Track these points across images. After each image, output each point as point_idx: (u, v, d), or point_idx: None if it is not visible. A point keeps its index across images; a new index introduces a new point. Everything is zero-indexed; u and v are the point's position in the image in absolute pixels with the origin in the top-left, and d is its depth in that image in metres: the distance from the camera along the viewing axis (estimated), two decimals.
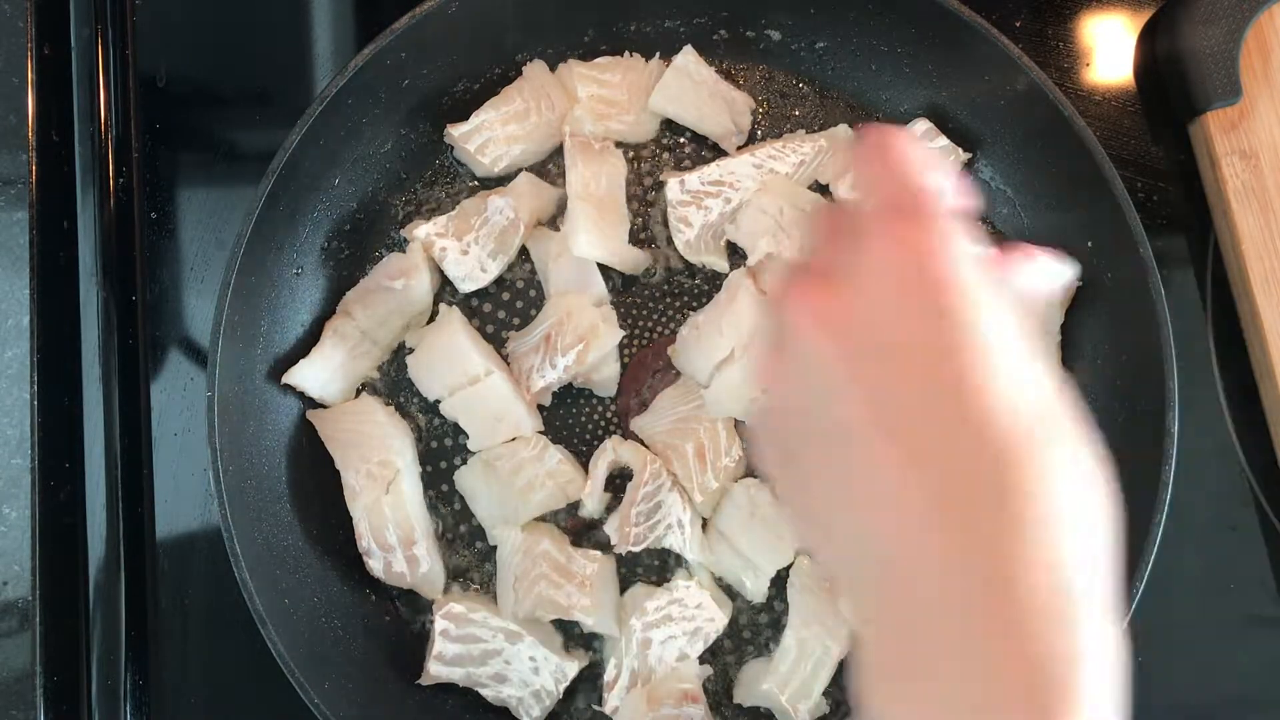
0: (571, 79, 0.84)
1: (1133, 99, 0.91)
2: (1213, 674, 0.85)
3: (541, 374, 0.80)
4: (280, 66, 0.91)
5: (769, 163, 0.84)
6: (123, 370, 0.84)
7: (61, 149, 0.85)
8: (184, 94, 0.89)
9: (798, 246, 0.83)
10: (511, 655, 0.77)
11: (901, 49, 0.83)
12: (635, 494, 0.78)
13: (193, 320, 0.86)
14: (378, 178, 0.84)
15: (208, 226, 0.87)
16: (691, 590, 0.78)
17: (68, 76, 0.86)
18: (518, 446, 0.80)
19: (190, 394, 0.85)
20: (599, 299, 0.82)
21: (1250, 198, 0.85)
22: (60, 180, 0.84)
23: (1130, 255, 0.75)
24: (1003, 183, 0.85)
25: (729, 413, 0.80)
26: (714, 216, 0.84)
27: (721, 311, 0.78)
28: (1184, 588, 0.84)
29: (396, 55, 0.78)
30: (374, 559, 0.79)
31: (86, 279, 0.84)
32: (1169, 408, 0.73)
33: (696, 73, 0.84)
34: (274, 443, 0.79)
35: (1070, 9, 0.92)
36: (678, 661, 0.78)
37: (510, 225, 0.82)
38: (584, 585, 0.78)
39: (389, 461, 0.79)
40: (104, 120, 0.86)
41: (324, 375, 0.80)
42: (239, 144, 0.90)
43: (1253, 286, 0.84)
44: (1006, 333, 0.39)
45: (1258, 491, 0.86)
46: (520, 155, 0.84)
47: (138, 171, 0.87)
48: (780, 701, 0.78)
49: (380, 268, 0.82)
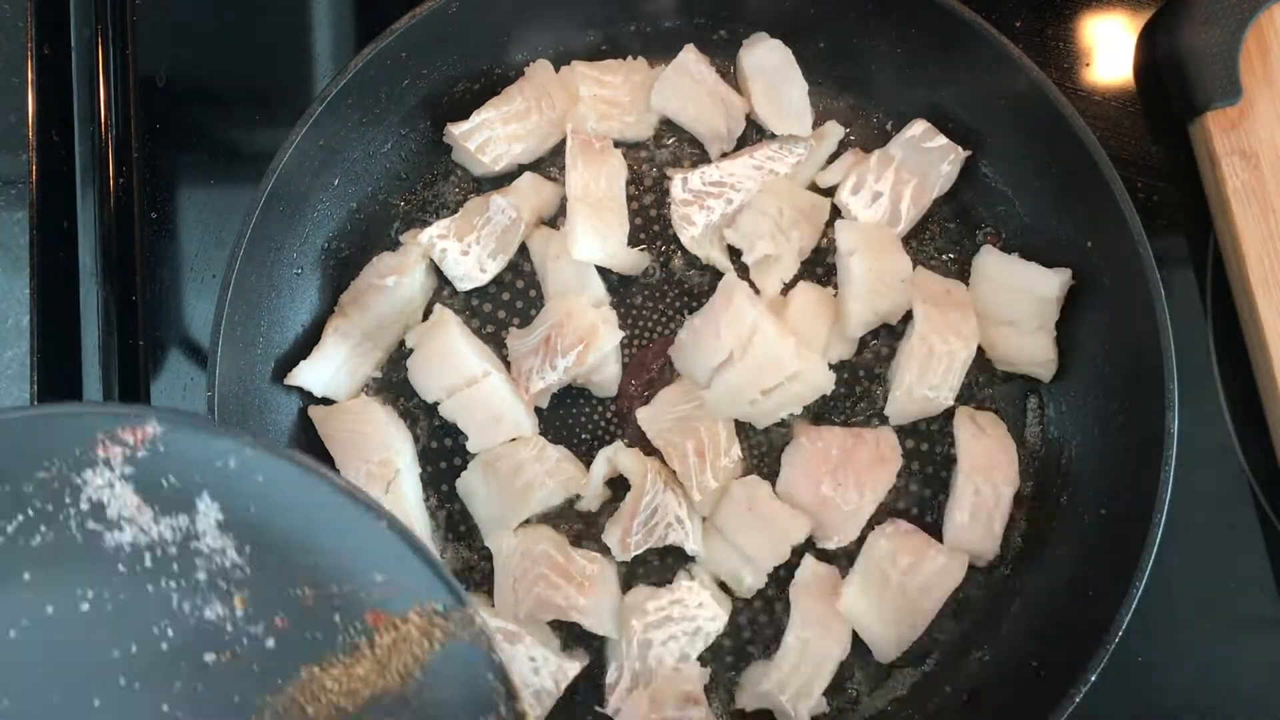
0: (574, 79, 0.84)
1: (1133, 99, 0.91)
2: (1213, 674, 0.85)
3: (541, 375, 0.80)
4: (280, 66, 0.91)
5: (768, 164, 0.85)
6: (123, 370, 0.84)
7: (61, 149, 0.85)
8: (184, 94, 0.89)
9: (796, 249, 0.83)
10: (511, 656, 0.77)
11: (901, 49, 0.83)
12: (636, 504, 0.78)
13: (193, 320, 0.86)
14: (378, 178, 0.84)
15: (208, 226, 0.87)
16: (693, 590, 0.78)
17: (68, 76, 0.86)
18: (517, 447, 0.80)
19: (190, 394, 0.85)
20: (598, 300, 0.82)
21: (1250, 198, 0.85)
22: (60, 180, 0.84)
23: (1130, 255, 0.75)
24: (1003, 182, 0.85)
25: (729, 414, 0.80)
26: (716, 217, 0.84)
27: (718, 314, 0.78)
28: (1184, 588, 0.84)
29: (396, 55, 0.78)
30: None
31: (86, 279, 0.84)
32: (1169, 408, 0.73)
33: (696, 71, 0.84)
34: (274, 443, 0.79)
35: (1070, 9, 0.92)
36: (679, 662, 0.78)
37: (512, 224, 0.82)
38: (583, 586, 0.78)
39: (389, 461, 0.79)
40: (104, 120, 0.86)
41: (326, 374, 0.80)
42: (239, 144, 0.90)
43: (1253, 286, 0.84)
44: None
45: (1258, 491, 0.86)
46: (520, 154, 0.84)
47: (138, 171, 0.87)
48: (781, 702, 0.78)
49: (371, 267, 0.82)
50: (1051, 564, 0.80)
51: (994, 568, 0.82)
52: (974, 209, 0.87)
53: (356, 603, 0.49)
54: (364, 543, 0.49)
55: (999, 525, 0.81)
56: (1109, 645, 0.71)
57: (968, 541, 0.80)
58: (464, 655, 0.49)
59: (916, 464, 0.84)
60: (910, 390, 0.80)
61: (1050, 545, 0.81)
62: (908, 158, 0.84)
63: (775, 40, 0.85)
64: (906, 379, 0.80)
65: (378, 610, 0.49)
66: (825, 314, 0.82)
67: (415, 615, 0.49)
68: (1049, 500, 0.82)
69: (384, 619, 0.49)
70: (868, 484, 0.80)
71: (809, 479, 0.80)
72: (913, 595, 0.79)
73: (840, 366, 0.83)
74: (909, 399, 0.80)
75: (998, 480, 0.80)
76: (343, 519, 0.49)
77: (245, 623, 0.49)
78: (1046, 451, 0.84)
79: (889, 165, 0.84)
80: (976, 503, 0.80)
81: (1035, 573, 0.81)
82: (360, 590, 0.49)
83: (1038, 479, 0.83)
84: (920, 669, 0.82)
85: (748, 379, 0.77)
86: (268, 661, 0.49)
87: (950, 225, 0.87)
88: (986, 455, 0.81)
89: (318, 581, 0.49)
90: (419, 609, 0.49)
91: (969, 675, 0.80)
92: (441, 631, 0.49)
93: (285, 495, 0.49)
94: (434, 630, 0.49)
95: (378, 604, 0.49)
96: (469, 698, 0.50)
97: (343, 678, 0.49)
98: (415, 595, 0.49)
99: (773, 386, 0.78)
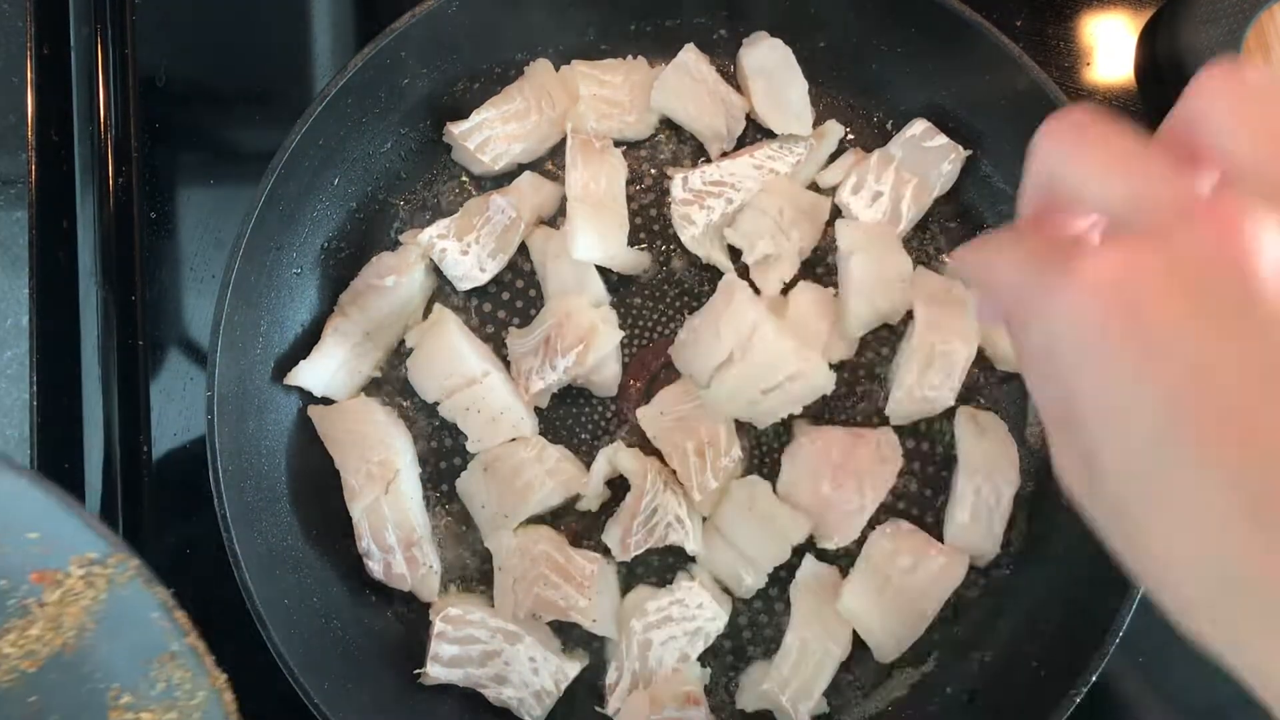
0: (574, 79, 0.84)
1: (1133, 99, 0.91)
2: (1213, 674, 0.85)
3: (541, 375, 0.80)
4: (280, 66, 0.91)
5: (769, 163, 0.85)
6: (122, 370, 0.84)
7: (61, 149, 0.85)
8: (184, 94, 0.89)
9: (796, 248, 0.83)
10: (511, 656, 0.77)
11: (901, 49, 0.83)
12: (636, 504, 0.78)
13: (193, 320, 0.86)
14: (378, 178, 0.84)
15: (208, 226, 0.87)
16: (693, 590, 0.78)
17: (68, 76, 0.86)
18: (517, 447, 0.80)
19: (190, 394, 0.85)
20: (598, 300, 0.82)
21: None
22: (60, 180, 0.84)
23: None
24: (1003, 181, 0.85)
25: (729, 414, 0.80)
26: (716, 216, 0.84)
27: (717, 314, 0.78)
28: None
29: (396, 55, 0.78)
30: (374, 560, 0.79)
31: (86, 279, 0.83)
32: None
33: (697, 70, 0.84)
34: (274, 443, 0.79)
35: (1070, 9, 0.92)
36: (678, 663, 0.78)
37: (511, 224, 0.82)
38: (582, 587, 0.78)
39: (389, 461, 0.79)
40: (104, 120, 0.86)
41: (326, 374, 0.80)
42: (239, 144, 0.90)
43: None
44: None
45: None
46: (520, 153, 0.84)
47: (137, 171, 0.87)
48: (781, 702, 0.78)
49: (370, 267, 0.82)
50: (1051, 564, 0.80)
51: (994, 568, 0.82)
52: (975, 209, 0.86)
53: (18, 564, 0.50)
54: (12, 504, 0.49)
55: (999, 525, 0.81)
56: (1109, 645, 0.71)
57: (968, 541, 0.80)
58: (129, 598, 0.51)
59: (916, 464, 0.84)
60: (910, 390, 0.80)
61: (1050, 545, 0.81)
62: (908, 157, 0.84)
63: (775, 40, 0.85)
64: (906, 379, 0.80)
65: (40, 569, 0.50)
66: (825, 314, 0.82)
67: (75, 567, 0.50)
68: (1049, 500, 0.82)
69: (48, 576, 0.50)
70: (868, 484, 0.80)
71: (809, 479, 0.80)
72: (913, 595, 0.78)
73: (840, 366, 0.83)
74: (909, 399, 0.80)
75: (998, 480, 0.80)
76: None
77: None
78: (1046, 451, 0.84)
79: (889, 165, 0.84)
80: (976, 503, 0.80)
81: (1035, 573, 0.81)
82: (18, 552, 0.50)
83: (1038, 479, 0.83)
84: (920, 669, 0.82)
85: (748, 379, 0.77)
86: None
87: (951, 225, 0.87)
88: (986, 455, 0.81)
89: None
90: (78, 560, 0.50)
91: (969, 675, 0.80)
92: (103, 579, 0.50)
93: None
94: (96, 579, 0.50)
95: (38, 562, 0.50)
96: (142, 640, 0.51)
97: (20, 641, 0.50)
98: (71, 548, 0.50)
99: (773, 386, 0.77)
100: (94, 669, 0.52)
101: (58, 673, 0.51)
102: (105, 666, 0.52)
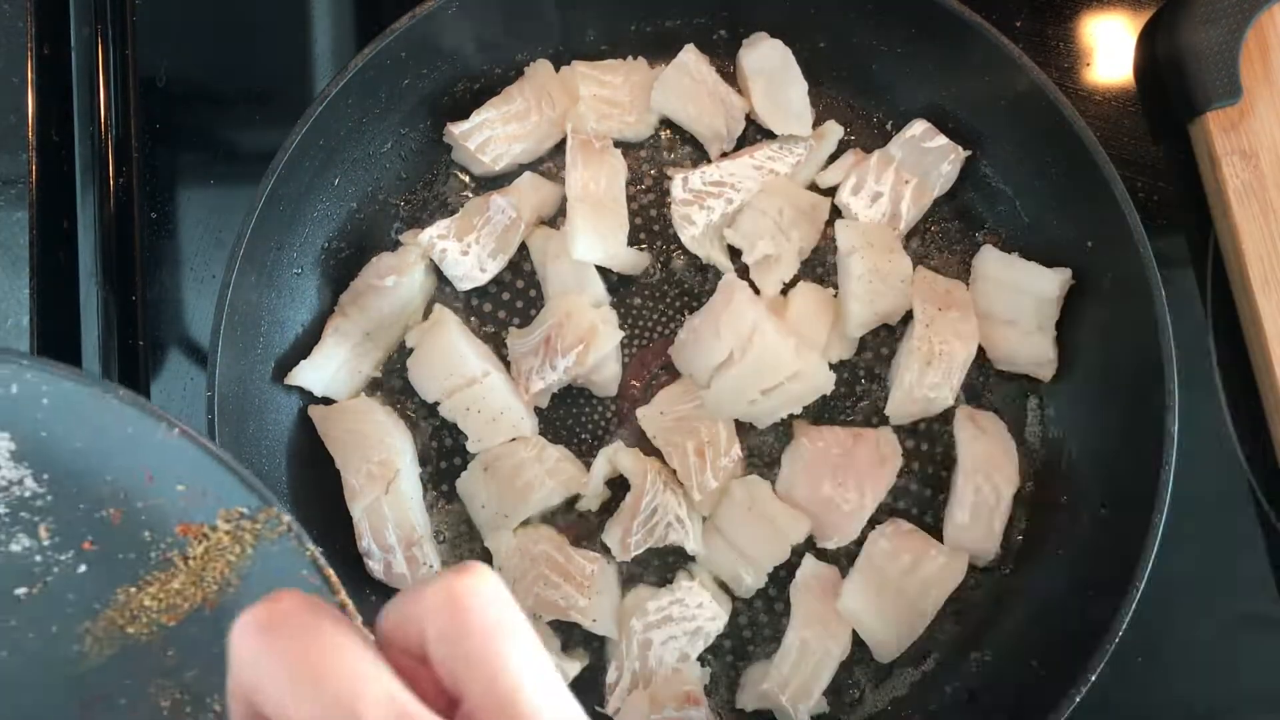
0: (574, 79, 0.84)
1: (1133, 99, 0.91)
2: (1213, 674, 0.85)
3: (541, 375, 0.80)
4: (280, 66, 0.91)
5: (768, 163, 0.85)
6: (123, 370, 0.84)
7: (61, 149, 0.85)
8: (184, 94, 0.89)
9: (796, 249, 0.83)
10: None
11: (901, 49, 0.83)
12: (636, 504, 0.78)
13: (193, 320, 0.86)
14: (378, 178, 0.84)
15: (208, 226, 0.87)
16: (693, 590, 0.79)
17: (68, 76, 0.86)
18: (517, 447, 0.80)
19: (190, 394, 0.85)
20: (598, 300, 0.82)
21: (1250, 198, 0.85)
22: (60, 180, 0.84)
23: (1130, 255, 0.75)
24: (1002, 182, 0.85)
25: (729, 414, 0.80)
26: (716, 217, 0.84)
27: (717, 314, 0.78)
28: (1184, 588, 0.84)
29: (396, 55, 0.78)
30: (374, 560, 0.79)
31: (87, 279, 0.83)
32: (1169, 407, 0.73)
33: (697, 70, 0.84)
34: (274, 443, 0.79)
35: (1070, 9, 0.92)
36: (679, 663, 0.78)
37: (511, 224, 0.82)
38: (582, 587, 0.78)
39: (389, 461, 0.79)
40: (104, 120, 0.86)
41: (326, 374, 0.80)
42: (239, 144, 0.90)
43: (1253, 286, 0.84)
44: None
45: (1258, 491, 0.86)
46: (520, 154, 0.84)
47: (137, 171, 0.87)
48: (781, 701, 0.78)
49: (371, 267, 0.82)
50: (1051, 564, 0.80)
51: (994, 568, 0.82)
52: (974, 209, 0.87)
53: (163, 516, 0.48)
54: (161, 455, 0.48)
55: (999, 525, 0.81)
56: (1109, 645, 0.71)
57: (968, 541, 0.80)
58: (277, 555, 0.48)
59: (916, 464, 0.84)
60: (910, 390, 0.80)
61: (1050, 545, 0.81)
62: (908, 158, 0.84)
63: (775, 40, 0.85)
64: (906, 379, 0.80)
65: (185, 521, 0.48)
66: (825, 314, 0.82)
67: (222, 521, 0.48)
68: (1049, 500, 0.82)
69: (193, 529, 0.48)
70: (868, 484, 0.80)
71: (809, 479, 0.80)
72: (913, 595, 0.79)
73: (840, 366, 0.83)
74: (909, 399, 0.80)
75: (998, 480, 0.80)
76: (137, 433, 0.47)
77: (54, 551, 0.48)
78: (1046, 451, 0.84)
79: (889, 165, 0.84)
80: (976, 503, 0.80)
81: (1035, 573, 0.81)
82: (165, 503, 0.48)
83: (1038, 479, 0.83)
84: (920, 669, 0.82)
85: (748, 379, 0.77)
86: (82, 588, 0.48)
87: (950, 225, 0.87)
88: (986, 455, 0.81)
89: (121, 500, 0.48)
90: (225, 514, 0.48)
91: (969, 675, 0.80)
92: (251, 534, 0.49)
93: (75, 416, 0.47)
94: (244, 534, 0.49)
95: (184, 515, 0.48)
96: None
97: (160, 594, 0.49)
98: (220, 501, 0.48)
99: (773, 386, 0.78)
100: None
101: (198, 627, 0.49)
102: None
